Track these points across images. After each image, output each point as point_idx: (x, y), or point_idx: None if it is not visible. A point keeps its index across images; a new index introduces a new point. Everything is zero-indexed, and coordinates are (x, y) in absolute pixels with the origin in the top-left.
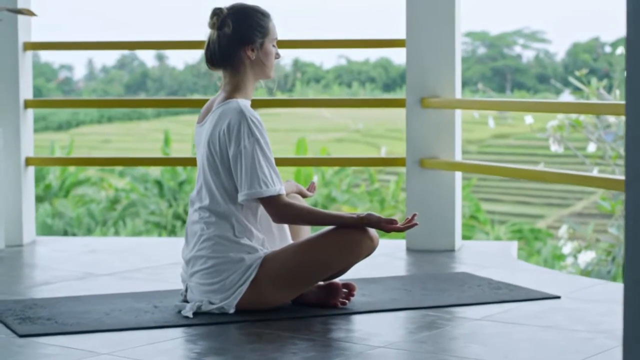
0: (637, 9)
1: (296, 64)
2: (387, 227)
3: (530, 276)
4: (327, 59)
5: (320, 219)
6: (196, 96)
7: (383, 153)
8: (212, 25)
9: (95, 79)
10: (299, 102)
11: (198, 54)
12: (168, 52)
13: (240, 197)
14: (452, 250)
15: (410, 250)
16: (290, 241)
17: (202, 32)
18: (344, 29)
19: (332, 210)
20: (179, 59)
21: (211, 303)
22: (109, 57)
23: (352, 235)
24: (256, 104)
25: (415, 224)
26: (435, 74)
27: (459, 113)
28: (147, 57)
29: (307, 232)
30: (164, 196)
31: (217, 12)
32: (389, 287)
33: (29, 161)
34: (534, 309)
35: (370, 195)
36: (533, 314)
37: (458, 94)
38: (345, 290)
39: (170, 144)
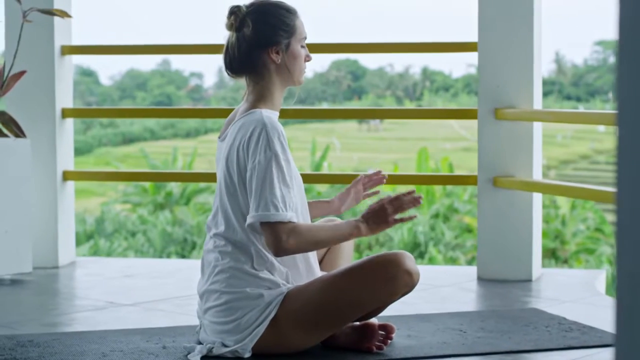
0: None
1: (425, 72)
2: (394, 217)
3: (610, 314)
4: (457, 67)
5: (325, 240)
6: (324, 105)
7: None
8: (229, 27)
9: (225, 87)
10: (366, 113)
11: (326, 62)
12: None
13: (248, 220)
14: (529, 281)
15: (481, 279)
16: (318, 274)
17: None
18: (417, 33)
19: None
20: (308, 67)
21: (224, 345)
22: None
23: (386, 270)
24: (286, 113)
25: (416, 195)
26: (511, 82)
27: (538, 126)
28: None
29: (347, 260)
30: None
31: (234, 11)
32: (441, 326)
33: (66, 175)
34: (605, 359)
35: None
36: None
37: (537, 105)
38: (382, 332)
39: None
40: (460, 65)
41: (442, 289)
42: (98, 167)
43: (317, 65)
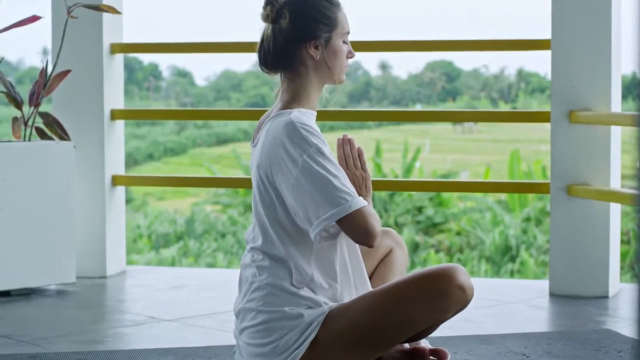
0: None
1: (520, 74)
2: (363, 173)
3: None
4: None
5: None
6: (418, 106)
7: None
8: (265, 18)
9: None
10: (447, 115)
11: (420, 63)
12: (392, 62)
13: (322, 224)
14: (606, 297)
15: (553, 295)
16: (369, 288)
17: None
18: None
19: None
20: (402, 69)
21: None
22: None
23: (437, 285)
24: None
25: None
26: (586, 82)
27: (616, 130)
28: (371, 66)
29: (400, 273)
30: (374, 207)
31: (271, 1)
32: (503, 349)
33: (116, 180)
34: None
35: None
36: None
37: (616, 107)
38: (433, 358)
39: (381, 154)
40: None
41: (511, 306)
42: (193, 167)
43: (411, 66)
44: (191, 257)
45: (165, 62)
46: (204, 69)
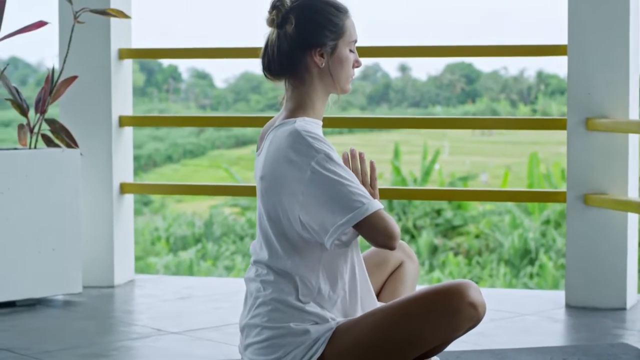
0: None
1: (539, 75)
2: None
3: None
4: None
5: None
6: (438, 108)
7: None
8: (270, 22)
9: None
10: (463, 122)
11: (440, 65)
12: (411, 63)
13: (339, 230)
14: (623, 309)
15: (569, 307)
16: (377, 304)
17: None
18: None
19: None
20: (421, 70)
21: None
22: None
23: (448, 302)
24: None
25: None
26: (604, 89)
27: (634, 138)
28: (391, 68)
29: (411, 289)
30: (392, 209)
31: (277, 5)
32: None
33: (124, 188)
34: None
35: None
36: None
37: (634, 114)
38: None
39: (400, 157)
40: None
41: (525, 318)
42: (211, 169)
43: (431, 68)
44: (209, 260)
45: (184, 64)
46: (224, 71)
